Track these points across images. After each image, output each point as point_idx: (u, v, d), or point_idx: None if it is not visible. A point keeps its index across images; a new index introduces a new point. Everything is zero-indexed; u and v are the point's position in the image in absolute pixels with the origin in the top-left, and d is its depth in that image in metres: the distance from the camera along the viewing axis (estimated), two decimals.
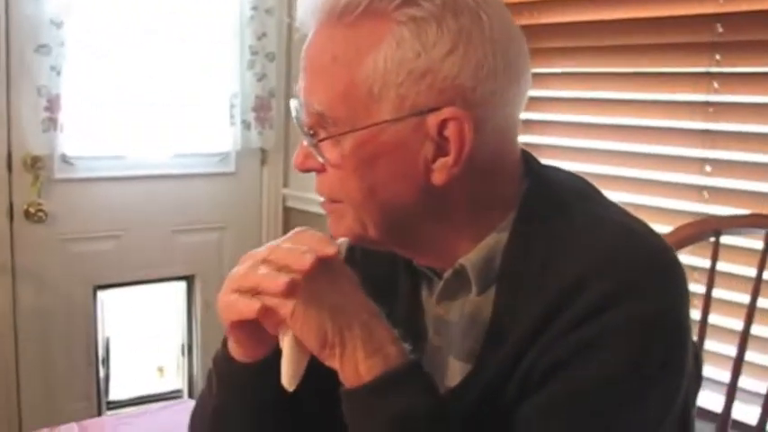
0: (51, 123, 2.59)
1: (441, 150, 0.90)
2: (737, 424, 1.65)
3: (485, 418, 0.92)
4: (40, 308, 2.77)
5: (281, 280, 0.85)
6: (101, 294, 2.93)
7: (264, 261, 0.88)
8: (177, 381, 3.16)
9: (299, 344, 0.90)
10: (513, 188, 0.98)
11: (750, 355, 1.65)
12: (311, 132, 0.94)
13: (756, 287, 1.58)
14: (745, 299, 1.63)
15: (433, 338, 1.04)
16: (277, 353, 0.92)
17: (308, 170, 0.96)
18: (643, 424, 0.88)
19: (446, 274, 1.00)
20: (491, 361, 0.94)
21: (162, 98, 2.86)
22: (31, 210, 2.68)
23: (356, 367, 0.87)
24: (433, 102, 0.88)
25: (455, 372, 1.00)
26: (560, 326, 0.88)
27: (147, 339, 3.12)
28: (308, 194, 2.93)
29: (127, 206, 2.90)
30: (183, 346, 3.16)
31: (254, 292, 0.87)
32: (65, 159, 2.73)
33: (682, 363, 0.91)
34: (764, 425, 1.54)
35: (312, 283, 0.87)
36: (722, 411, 1.58)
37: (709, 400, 1.77)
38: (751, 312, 1.58)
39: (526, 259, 0.93)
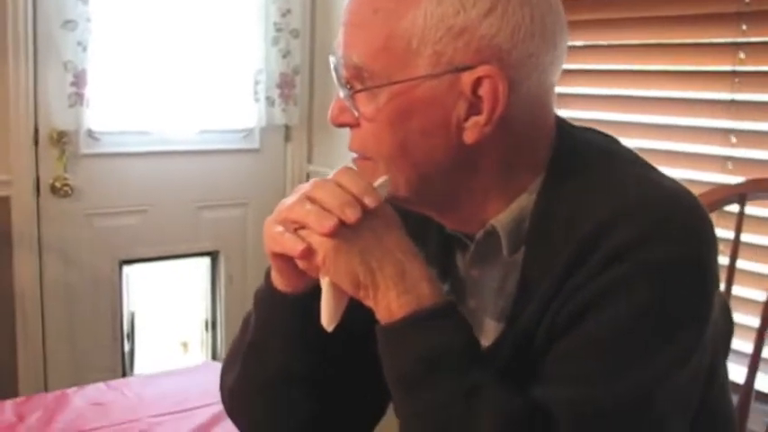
0: (78, 98, 2.61)
1: (474, 109, 0.91)
2: (761, 395, 1.63)
3: (520, 373, 0.92)
4: (67, 282, 2.80)
5: (329, 222, 0.87)
6: (126, 269, 2.96)
7: (310, 198, 0.90)
8: (201, 356, 3.18)
9: (337, 285, 0.91)
10: (545, 152, 0.99)
11: None
12: (348, 86, 0.95)
13: None
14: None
15: (469, 301, 1.05)
16: (318, 288, 0.93)
17: (341, 124, 0.97)
18: (662, 368, 0.88)
19: (478, 236, 1.01)
20: (522, 317, 0.95)
21: (187, 74, 2.87)
22: (57, 184, 2.71)
23: (389, 305, 0.89)
24: (469, 60, 0.90)
25: (490, 332, 1.01)
26: (585, 272, 0.89)
27: (172, 314, 3.14)
28: (332, 170, 2.91)
29: (152, 182, 2.92)
30: (206, 321, 3.18)
31: (299, 227, 0.90)
32: (91, 135, 2.76)
33: (706, 305, 0.91)
34: None
35: (343, 228, 0.88)
36: (745, 382, 1.57)
37: (733, 371, 1.76)
38: None
39: (553, 218, 0.95)
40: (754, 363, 1.56)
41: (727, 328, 1.07)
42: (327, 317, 0.92)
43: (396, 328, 0.89)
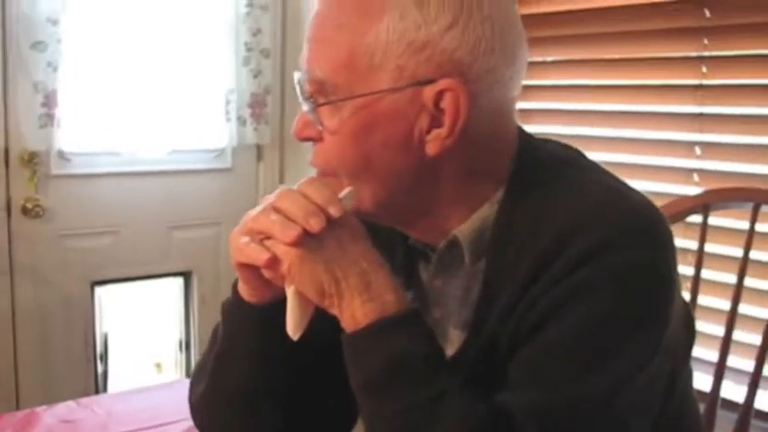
0: (48, 119, 2.60)
1: (436, 122, 0.93)
2: (727, 403, 1.65)
3: (484, 380, 0.93)
4: (39, 303, 2.78)
5: (292, 232, 0.88)
6: (98, 290, 2.94)
7: (275, 208, 0.91)
8: (175, 376, 3.15)
9: (302, 294, 0.92)
10: (507, 163, 1.00)
11: (738, 335, 1.66)
12: (311, 99, 0.96)
13: (743, 266, 1.59)
14: (732, 279, 1.64)
15: (434, 311, 1.06)
16: (285, 299, 0.94)
17: (305, 138, 0.98)
18: (623, 371, 0.89)
19: (440, 246, 1.02)
20: (485, 326, 0.97)
21: (158, 94, 2.87)
22: (29, 205, 2.69)
23: (354, 314, 0.90)
24: (430, 73, 0.91)
25: (455, 341, 1.03)
26: (547, 280, 0.90)
27: (145, 335, 3.12)
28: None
29: (123, 202, 2.91)
30: (180, 341, 3.16)
31: (265, 237, 0.91)
32: (61, 155, 2.74)
33: (663, 313, 0.93)
34: (752, 402, 1.55)
35: (308, 237, 0.89)
36: (711, 390, 1.59)
37: (699, 379, 1.78)
38: (738, 292, 1.59)
39: (514, 227, 0.96)
40: (720, 371, 1.58)
41: (689, 335, 1.09)
42: (293, 325, 0.93)
43: (360, 335, 0.90)
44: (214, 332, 1.10)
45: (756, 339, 1.56)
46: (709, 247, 1.65)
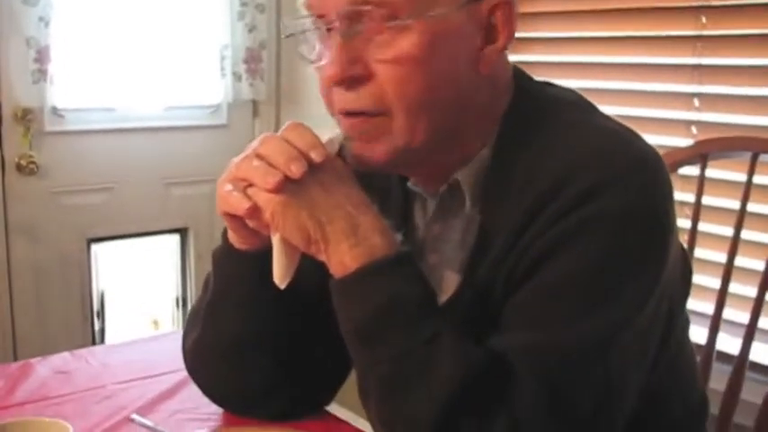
0: (41, 75, 2.58)
1: (489, 38, 0.94)
2: (722, 355, 1.65)
3: (478, 324, 0.93)
4: (35, 261, 2.77)
5: (273, 179, 0.87)
6: (94, 247, 2.94)
7: (258, 155, 0.89)
8: None
9: (288, 241, 0.91)
10: (505, 101, 1.00)
11: (734, 287, 1.66)
12: (369, 23, 0.91)
13: (740, 218, 1.58)
14: (729, 231, 1.63)
15: (430, 257, 1.05)
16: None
17: (349, 78, 0.92)
18: (619, 314, 0.89)
19: (441, 189, 1.01)
20: (480, 269, 0.96)
21: (152, 50, 2.84)
22: (23, 162, 2.68)
23: (342, 259, 0.89)
24: None
25: (450, 287, 1.01)
26: (541, 223, 0.90)
27: (142, 292, 3.13)
28: None
29: (119, 159, 2.89)
30: (177, 298, 3.17)
31: (248, 185, 0.90)
32: (55, 112, 2.72)
33: (660, 256, 0.92)
34: (747, 355, 1.55)
35: (290, 183, 0.88)
36: (707, 343, 1.59)
37: (695, 332, 1.78)
38: (735, 245, 1.58)
39: (510, 168, 0.95)
40: (716, 324, 1.58)
41: (686, 283, 1.08)
42: (279, 274, 0.92)
43: (349, 280, 0.89)
44: (206, 281, 1.10)
45: (752, 292, 1.55)
46: (706, 200, 1.63)
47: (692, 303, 1.80)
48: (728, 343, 1.73)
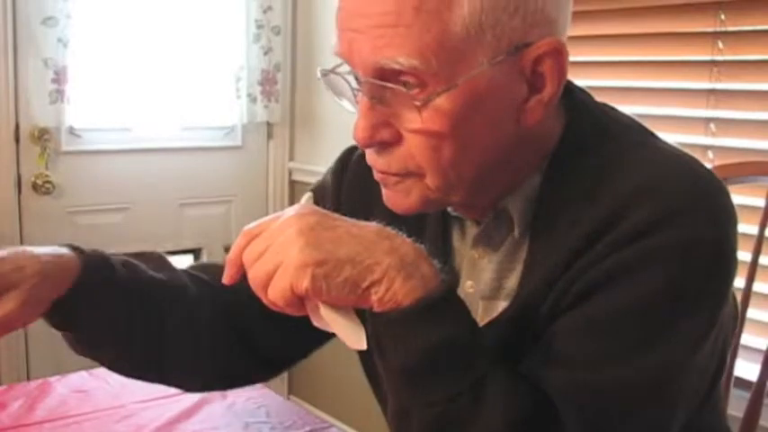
0: (58, 95, 2.60)
1: (533, 89, 0.85)
2: (740, 381, 1.64)
3: (518, 351, 0.88)
4: None
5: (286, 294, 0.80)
6: None
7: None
8: None
9: (336, 306, 0.82)
10: (560, 125, 0.93)
11: (752, 313, 1.65)
12: (387, 92, 0.83)
13: (759, 243, 1.57)
14: (747, 257, 1.62)
15: (465, 284, 0.99)
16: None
17: (378, 143, 0.86)
18: (677, 353, 0.83)
19: (488, 217, 0.95)
20: (526, 295, 0.91)
21: (168, 71, 2.87)
22: (39, 182, 2.70)
23: (395, 294, 0.80)
24: (528, 37, 0.82)
25: (489, 312, 0.96)
26: (598, 251, 0.84)
27: None
28: (314, 167, 2.94)
29: (134, 179, 2.91)
30: None
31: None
32: (72, 131, 2.75)
33: (720, 293, 0.86)
34: (765, 380, 1.53)
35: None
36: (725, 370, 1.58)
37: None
38: (753, 270, 1.57)
39: (564, 193, 0.90)
40: (734, 349, 1.56)
41: (734, 318, 1.01)
42: (354, 339, 0.82)
43: (401, 318, 0.80)
44: None
45: None
46: None
47: None
48: (747, 369, 1.72)
